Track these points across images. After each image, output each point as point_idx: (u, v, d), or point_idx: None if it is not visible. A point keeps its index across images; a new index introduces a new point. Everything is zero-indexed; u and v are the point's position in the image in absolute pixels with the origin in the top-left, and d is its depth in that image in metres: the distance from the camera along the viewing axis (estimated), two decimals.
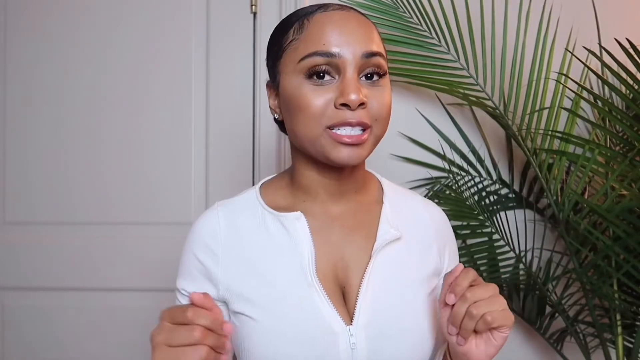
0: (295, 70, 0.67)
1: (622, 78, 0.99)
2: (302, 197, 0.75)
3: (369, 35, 0.68)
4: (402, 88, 1.41)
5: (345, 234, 0.74)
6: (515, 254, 1.29)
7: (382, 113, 0.68)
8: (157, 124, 1.47)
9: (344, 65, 0.65)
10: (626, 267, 1.09)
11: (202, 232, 0.75)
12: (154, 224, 1.48)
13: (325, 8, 0.69)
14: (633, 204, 1.06)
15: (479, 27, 1.30)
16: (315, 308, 0.69)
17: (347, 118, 0.65)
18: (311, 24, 0.67)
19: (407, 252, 0.75)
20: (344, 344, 0.68)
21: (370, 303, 0.70)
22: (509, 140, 1.40)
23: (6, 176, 1.51)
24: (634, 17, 1.39)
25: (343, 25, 0.66)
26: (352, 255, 0.73)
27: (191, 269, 0.75)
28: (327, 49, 0.65)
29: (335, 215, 0.75)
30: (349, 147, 0.66)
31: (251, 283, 0.71)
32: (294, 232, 0.72)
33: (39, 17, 1.49)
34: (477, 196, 1.36)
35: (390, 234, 0.74)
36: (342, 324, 0.69)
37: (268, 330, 0.69)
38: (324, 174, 0.73)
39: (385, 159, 1.44)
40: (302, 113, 0.66)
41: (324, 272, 0.71)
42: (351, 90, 0.64)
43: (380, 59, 0.68)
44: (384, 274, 0.72)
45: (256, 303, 0.70)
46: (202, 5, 1.46)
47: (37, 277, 1.49)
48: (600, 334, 1.21)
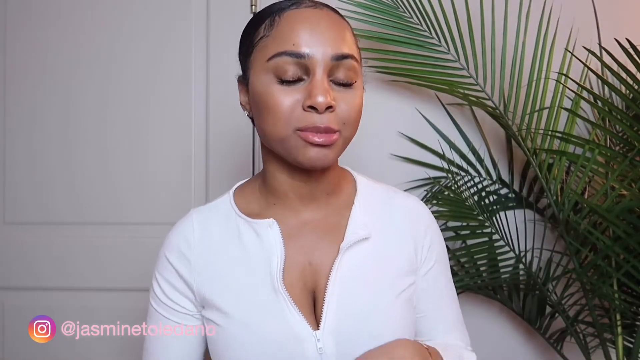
0: (264, 68, 0.65)
1: (622, 78, 0.99)
2: (273, 200, 0.74)
3: (341, 36, 0.66)
4: (402, 88, 1.41)
5: (314, 238, 0.73)
6: (515, 254, 1.29)
7: (351, 116, 0.66)
8: (157, 124, 1.47)
9: (313, 66, 0.63)
10: (626, 267, 1.09)
11: (177, 239, 0.76)
12: (154, 224, 1.48)
13: (298, 5, 0.67)
14: (633, 204, 1.06)
15: (479, 27, 1.30)
16: (282, 315, 0.68)
17: (315, 122, 0.63)
18: (282, 21, 0.65)
19: (377, 252, 0.73)
20: (311, 349, 0.67)
21: (337, 307, 0.69)
22: (509, 140, 1.40)
23: (6, 176, 1.51)
24: (634, 17, 1.39)
25: (314, 24, 0.64)
26: (320, 259, 0.72)
27: (166, 275, 0.75)
28: (296, 49, 0.63)
29: (305, 219, 0.73)
30: (318, 148, 0.64)
31: (220, 291, 0.71)
32: (266, 239, 0.71)
33: (41, 16, 1.49)
34: (476, 196, 1.36)
35: (358, 234, 0.72)
36: (308, 329, 0.68)
37: (234, 337, 0.69)
38: (294, 177, 0.72)
39: (385, 159, 1.44)
40: (270, 113, 0.64)
41: (291, 279, 0.71)
42: (319, 93, 0.62)
43: (351, 62, 0.66)
44: (351, 276, 0.71)
45: (224, 311, 0.70)
46: (202, 5, 1.46)
47: (37, 277, 1.49)
48: (600, 334, 1.21)
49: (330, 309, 0.69)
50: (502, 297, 1.33)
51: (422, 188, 1.40)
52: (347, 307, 0.69)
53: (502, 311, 1.43)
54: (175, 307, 0.75)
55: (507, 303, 1.33)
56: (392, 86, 1.41)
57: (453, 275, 1.32)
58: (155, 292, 0.76)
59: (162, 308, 0.76)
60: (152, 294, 0.78)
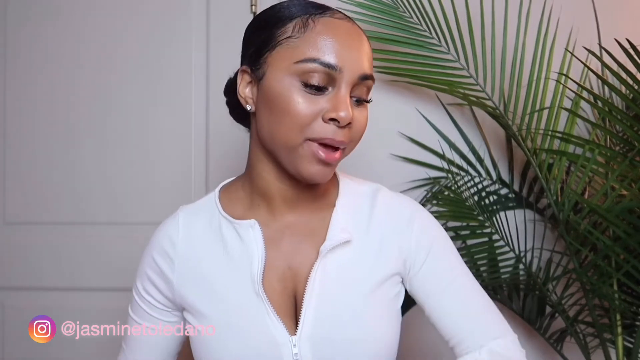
0: (290, 70, 0.63)
1: (622, 78, 0.99)
2: (257, 201, 0.73)
3: (368, 56, 0.67)
4: (402, 88, 1.41)
5: (295, 242, 0.72)
6: (515, 254, 1.29)
7: (359, 133, 0.67)
8: (157, 124, 1.47)
9: (340, 80, 0.64)
10: (626, 267, 1.09)
11: (162, 237, 0.76)
12: (153, 224, 1.46)
13: (332, 13, 0.66)
14: (633, 204, 1.06)
15: (479, 27, 1.30)
16: (261, 318, 0.68)
17: (333, 135, 0.63)
18: (317, 26, 0.64)
19: (358, 256, 0.72)
20: (287, 355, 0.67)
21: (314, 312, 0.68)
22: (509, 140, 1.40)
23: (6, 176, 1.51)
24: (634, 17, 1.39)
25: (350, 39, 0.65)
26: (300, 263, 0.71)
27: (149, 272, 0.76)
28: (330, 60, 0.63)
29: (287, 223, 0.73)
30: (322, 165, 0.65)
31: (200, 294, 0.72)
32: (247, 240, 0.71)
33: (42, 16, 1.49)
34: (476, 196, 1.36)
35: (339, 237, 0.71)
36: (285, 334, 0.68)
37: (213, 339, 0.69)
38: (283, 181, 0.71)
39: (385, 159, 1.43)
40: (287, 117, 0.63)
41: (271, 282, 0.70)
42: (344, 108, 0.63)
43: (371, 82, 0.67)
44: (330, 280, 0.70)
45: (203, 314, 0.71)
46: (202, 5, 1.46)
47: (37, 277, 1.49)
48: (600, 334, 1.20)
49: (308, 314, 0.68)
50: (502, 297, 1.33)
51: (422, 188, 1.40)
52: (325, 312, 0.69)
53: (502, 311, 1.41)
54: (154, 303, 0.76)
55: (507, 303, 1.33)
56: (392, 86, 1.41)
57: None
58: (138, 286, 0.78)
59: (142, 302, 0.78)
60: (134, 285, 0.79)
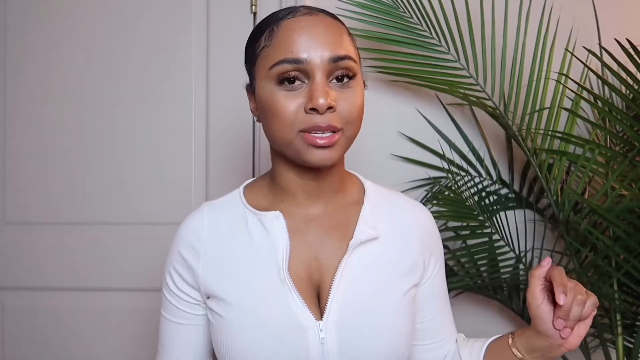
0: (268, 76, 0.69)
1: (622, 78, 0.99)
2: (281, 197, 0.77)
3: (338, 39, 0.69)
4: (402, 88, 1.41)
5: (321, 234, 0.76)
6: (515, 254, 1.29)
7: (352, 115, 0.69)
8: (157, 124, 1.47)
9: (312, 70, 0.67)
10: (626, 267, 1.09)
11: (187, 232, 0.79)
12: (153, 224, 1.48)
13: (294, 13, 0.70)
14: (633, 204, 1.06)
15: (479, 27, 1.30)
16: (286, 304, 0.71)
17: (317, 122, 0.66)
18: (280, 30, 0.69)
19: (384, 252, 0.77)
20: (314, 339, 0.70)
21: (341, 299, 0.72)
22: (509, 140, 1.40)
23: (6, 176, 1.51)
24: (634, 17, 1.39)
25: (310, 30, 0.68)
26: (326, 255, 0.75)
27: (176, 266, 0.78)
28: (295, 56, 0.67)
29: (312, 216, 0.77)
30: (322, 149, 0.67)
31: (227, 281, 0.75)
32: (272, 231, 0.74)
33: (41, 16, 1.49)
34: (477, 196, 1.36)
35: (367, 233, 0.75)
36: (312, 319, 0.71)
37: (239, 326, 0.72)
38: (301, 175, 0.75)
39: (385, 159, 1.44)
40: (276, 118, 0.68)
41: (297, 270, 0.74)
42: (319, 95, 0.65)
43: (349, 62, 0.69)
44: (357, 272, 0.74)
45: (229, 301, 0.73)
46: (202, 5, 1.46)
47: (37, 277, 1.49)
48: (600, 334, 1.21)
49: (335, 301, 0.72)
50: (502, 297, 1.33)
51: (422, 188, 1.40)
52: (352, 301, 0.72)
53: (502, 311, 1.43)
54: (183, 296, 0.78)
55: (507, 303, 1.33)
56: (392, 86, 1.41)
57: (453, 275, 1.34)
58: (167, 282, 0.80)
59: (172, 297, 0.79)
60: (163, 283, 0.81)
